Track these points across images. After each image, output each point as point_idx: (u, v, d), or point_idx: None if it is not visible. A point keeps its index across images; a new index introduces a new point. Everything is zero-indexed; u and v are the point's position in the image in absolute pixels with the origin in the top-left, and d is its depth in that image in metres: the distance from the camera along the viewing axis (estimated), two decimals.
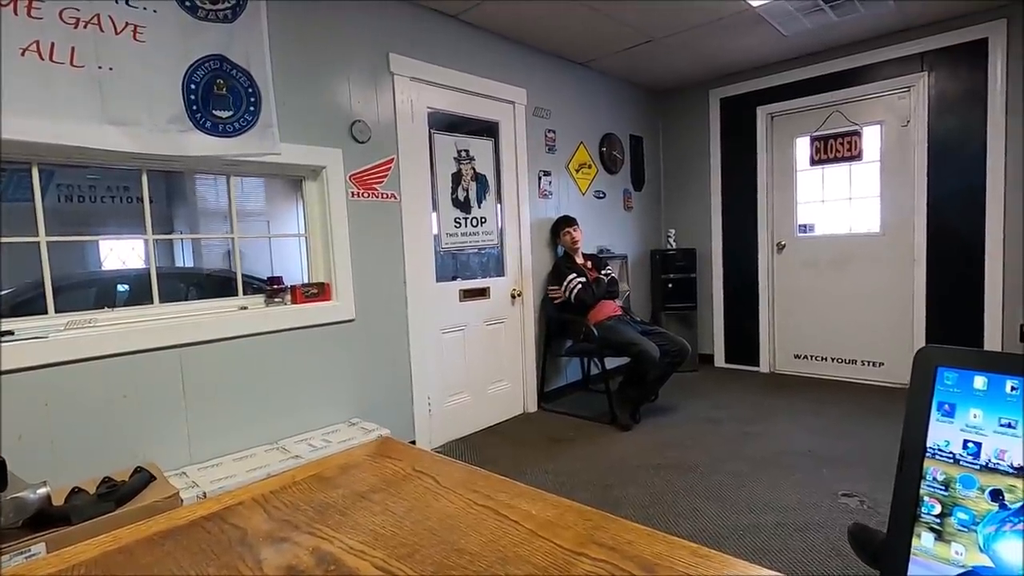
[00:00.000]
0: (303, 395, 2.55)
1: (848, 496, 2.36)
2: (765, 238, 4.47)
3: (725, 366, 4.75)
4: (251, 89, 2.28)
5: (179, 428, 2.17)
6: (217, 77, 2.19)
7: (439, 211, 3.24)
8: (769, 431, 3.21)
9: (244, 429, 2.35)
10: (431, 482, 0.80)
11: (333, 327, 2.66)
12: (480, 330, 3.47)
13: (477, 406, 3.45)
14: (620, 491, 2.52)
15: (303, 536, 0.67)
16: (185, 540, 0.67)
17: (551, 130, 3.89)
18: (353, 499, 0.76)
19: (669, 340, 3.41)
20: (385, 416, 2.82)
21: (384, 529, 0.67)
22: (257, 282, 2.77)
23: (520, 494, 0.74)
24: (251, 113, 2.29)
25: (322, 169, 2.61)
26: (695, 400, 3.84)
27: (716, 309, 4.77)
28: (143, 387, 2.08)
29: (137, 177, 2.17)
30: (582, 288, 3.54)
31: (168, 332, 2.14)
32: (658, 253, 4.77)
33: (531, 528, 0.65)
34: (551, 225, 3.86)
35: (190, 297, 2.97)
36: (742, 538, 2.09)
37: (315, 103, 2.57)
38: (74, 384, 1.92)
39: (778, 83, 4.27)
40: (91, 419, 1.96)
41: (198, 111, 2.14)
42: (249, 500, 0.77)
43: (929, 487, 0.40)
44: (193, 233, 5.12)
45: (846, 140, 4.07)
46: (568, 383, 4.11)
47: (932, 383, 0.41)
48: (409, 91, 2.97)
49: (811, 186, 4.31)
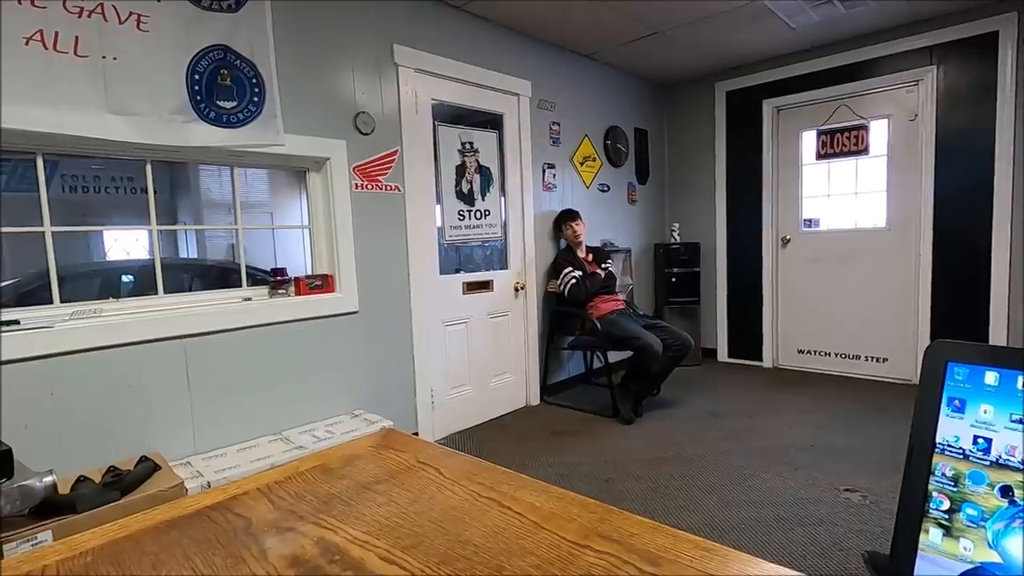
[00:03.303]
0: (306, 386, 2.56)
1: (850, 491, 2.36)
2: (770, 233, 4.45)
3: (728, 361, 4.75)
4: (255, 80, 2.27)
5: (183, 418, 2.18)
6: (221, 67, 2.18)
7: (443, 203, 3.23)
8: (772, 426, 3.21)
9: (248, 420, 2.36)
10: (435, 473, 0.80)
11: (336, 319, 2.66)
12: (483, 323, 3.47)
13: (480, 399, 3.46)
14: (622, 484, 2.52)
15: (308, 526, 0.67)
16: (191, 529, 0.68)
17: (556, 123, 3.87)
18: (357, 490, 0.76)
19: (672, 334, 3.40)
20: (388, 408, 2.83)
21: (388, 520, 0.67)
22: (261, 273, 2.77)
23: (524, 486, 0.74)
24: (255, 104, 2.28)
25: (326, 161, 2.60)
26: (698, 394, 3.84)
27: (720, 303, 4.76)
28: (148, 377, 2.09)
29: (141, 168, 2.17)
30: (575, 283, 3.54)
31: (172, 323, 2.14)
32: (662, 247, 4.75)
33: (535, 520, 0.65)
34: (554, 218, 3.85)
35: (194, 288, 2.98)
36: (744, 532, 2.10)
37: (319, 94, 2.56)
38: (79, 374, 1.93)
39: (785, 76, 4.24)
40: (96, 408, 1.97)
41: (202, 101, 2.14)
42: (254, 490, 0.77)
43: (938, 483, 0.40)
44: (197, 224, 5.13)
45: (853, 134, 4.04)
46: (571, 376, 4.11)
47: (942, 378, 0.41)
48: (413, 82, 2.95)
49: (817, 180, 4.28)
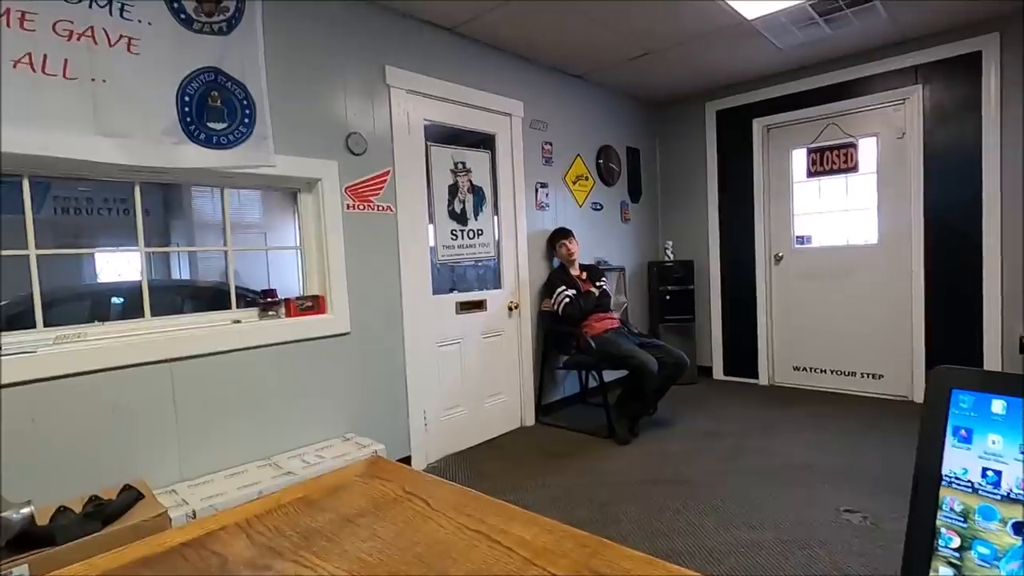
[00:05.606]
0: (297, 410, 2.51)
1: (850, 512, 2.32)
2: (763, 250, 4.46)
3: (724, 378, 4.72)
4: (246, 101, 2.27)
5: (170, 444, 2.13)
6: (212, 89, 2.18)
7: (435, 223, 3.22)
8: (769, 444, 3.17)
9: (236, 445, 2.31)
10: (421, 505, 0.77)
11: (328, 340, 2.63)
12: (477, 343, 3.44)
13: (474, 420, 3.41)
14: (618, 507, 2.47)
15: (286, 564, 0.64)
16: (163, 568, 0.64)
17: (548, 142, 3.89)
18: (340, 523, 0.73)
19: (667, 353, 3.38)
20: (380, 431, 2.78)
21: (371, 556, 0.64)
22: (252, 295, 2.74)
23: (513, 517, 0.71)
24: (246, 125, 2.27)
25: (317, 181, 2.59)
26: (694, 413, 3.80)
27: (714, 321, 4.75)
28: (133, 402, 2.04)
29: (131, 190, 2.15)
30: (569, 302, 3.52)
31: (159, 346, 2.11)
32: (656, 265, 4.75)
33: (526, 556, 0.62)
34: (547, 237, 3.85)
35: (186, 310, 2.93)
36: (743, 555, 2.05)
37: (311, 115, 2.56)
38: (62, 400, 1.88)
39: (774, 95, 4.29)
40: (79, 436, 1.92)
41: (192, 123, 2.13)
42: (232, 525, 0.74)
43: (946, 518, 0.38)
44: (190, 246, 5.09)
45: (842, 152, 4.08)
46: (566, 396, 4.07)
47: (947, 406, 0.39)
48: (405, 103, 2.97)
49: (808, 198, 4.31)
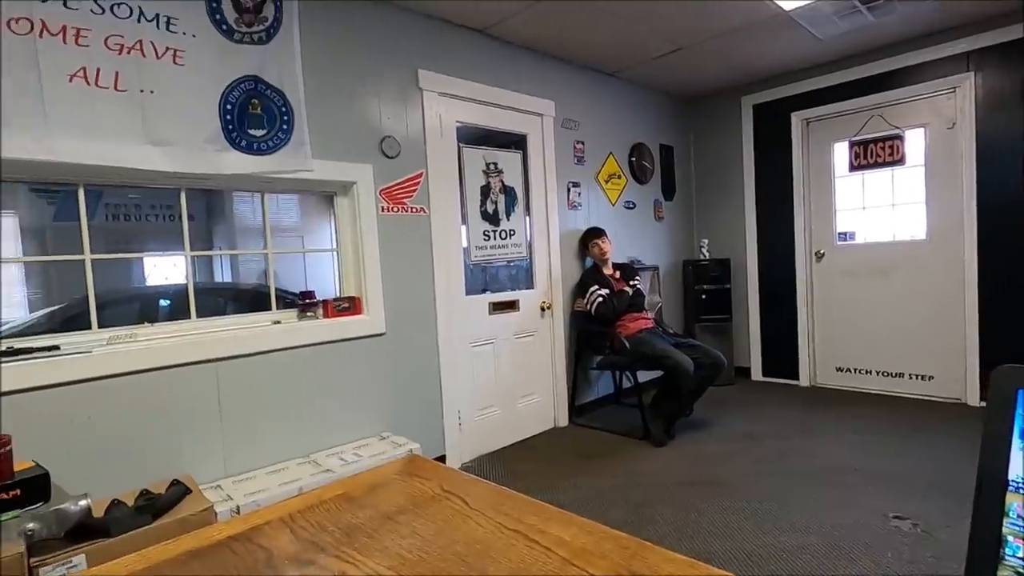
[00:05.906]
0: (334, 409, 2.57)
1: (900, 519, 2.23)
2: (803, 247, 4.33)
3: (762, 379, 4.60)
4: (284, 108, 2.34)
5: (215, 441, 2.21)
6: (252, 97, 2.25)
7: (468, 224, 3.24)
8: (811, 447, 3.07)
9: (277, 442, 2.38)
10: (459, 503, 0.77)
11: (364, 341, 2.68)
12: (510, 343, 3.44)
13: (507, 420, 3.42)
14: (653, 509, 2.44)
15: (329, 559, 0.65)
16: (212, 560, 0.67)
17: (580, 141, 3.87)
18: (380, 520, 0.74)
19: (703, 353, 3.31)
20: (415, 430, 2.81)
21: (411, 553, 0.65)
22: (291, 296, 2.81)
23: (551, 517, 0.71)
24: (284, 131, 2.34)
25: (353, 184, 2.64)
26: (732, 415, 3.72)
27: (752, 321, 4.63)
28: (181, 400, 2.12)
29: (177, 196, 2.24)
30: (603, 302, 3.49)
31: (204, 347, 2.18)
32: (691, 264, 4.67)
33: (564, 556, 0.62)
34: (580, 236, 3.83)
35: (229, 311, 3.04)
36: (784, 560, 2.00)
37: (346, 120, 2.62)
38: (115, 398, 1.97)
39: (813, 88, 4.16)
40: (131, 432, 2.00)
41: (234, 130, 2.20)
42: (276, 520, 0.76)
43: (1013, 525, 0.36)
44: (231, 249, 5.27)
45: (887, 144, 3.92)
46: (600, 397, 4.04)
47: (1013, 408, 0.37)
48: (438, 106, 3.00)
49: (851, 193, 4.16)
